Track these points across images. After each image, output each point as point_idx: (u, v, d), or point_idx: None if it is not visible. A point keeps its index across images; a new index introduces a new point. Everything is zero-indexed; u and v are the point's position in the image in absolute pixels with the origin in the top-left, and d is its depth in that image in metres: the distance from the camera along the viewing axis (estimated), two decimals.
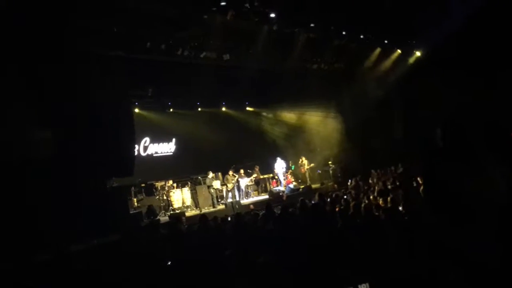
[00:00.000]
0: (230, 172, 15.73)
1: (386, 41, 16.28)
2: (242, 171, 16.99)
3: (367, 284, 2.96)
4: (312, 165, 18.26)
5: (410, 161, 13.62)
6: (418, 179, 10.35)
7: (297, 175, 18.50)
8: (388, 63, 17.31)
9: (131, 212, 12.39)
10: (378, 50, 16.78)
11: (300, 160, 18.21)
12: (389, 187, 10.43)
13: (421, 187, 9.20)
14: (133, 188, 14.18)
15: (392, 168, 14.70)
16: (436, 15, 14.09)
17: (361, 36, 15.26)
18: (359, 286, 2.96)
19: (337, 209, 8.07)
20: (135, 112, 15.87)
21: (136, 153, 15.85)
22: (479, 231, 2.77)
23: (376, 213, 7.20)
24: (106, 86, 10.35)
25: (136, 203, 13.95)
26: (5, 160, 8.57)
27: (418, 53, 16.99)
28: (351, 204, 8.11)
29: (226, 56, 13.79)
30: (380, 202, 8.40)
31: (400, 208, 7.40)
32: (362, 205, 7.93)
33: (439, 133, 3.02)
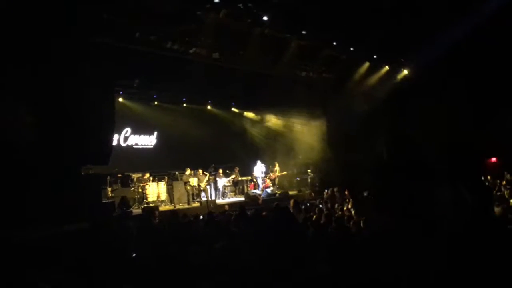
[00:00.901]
0: (200, 171, 15.61)
1: (375, 56, 16.42)
2: (221, 171, 16.94)
3: None
4: (284, 173, 18.30)
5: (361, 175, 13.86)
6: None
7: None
8: (375, 78, 17.46)
9: (103, 201, 12.22)
10: (366, 64, 16.91)
11: (274, 165, 18.21)
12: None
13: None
14: (109, 177, 14.00)
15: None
16: (426, 37, 14.27)
17: (351, 49, 15.37)
18: None
19: (312, 218, 8.09)
20: (119, 102, 15.72)
21: (116, 142, 15.70)
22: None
23: (347, 225, 7.25)
24: (91, 72, 10.21)
25: (110, 193, 13.76)
26: None
27: (405, 71, 17.19)
28: (324, 214, 8.16)
29: (216, 55, 13.76)
30: (353, 213, 8.45)
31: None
32: (335, 215, 7.99)
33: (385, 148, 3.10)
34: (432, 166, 11.83)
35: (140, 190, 14.48)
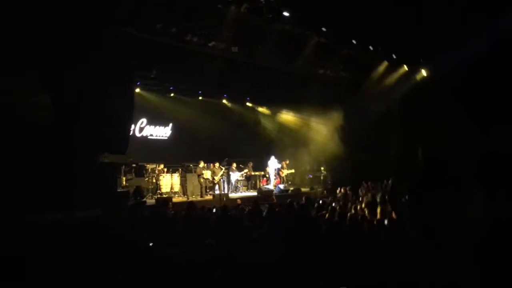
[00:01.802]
0: (216, 164, 15.68)
1: (394, 56, 16.27)
2: (234, 165, 17.00)
3: None
4: (291, 171, 18.28)
5: (399, 178, 13.69)
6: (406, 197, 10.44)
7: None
8: (393, 78, 17.29)
9: (118, 190, 12.36)
10: (385, 64, 16.77)
11: (285, 162, 18.19)
12: (378, 200, 10.44)
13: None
14: (123, 167, 14.13)
15: (385, 182, 14.72)
16: (448, 41, 14.07)
17: (370, 48, 15.25)
18: None
19: (325, 215, 8.09)
20: (136, 92, 15.83)
21: (131, 132, 15.83)
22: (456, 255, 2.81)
23: (361, 224, 7.24)
24: (113, 61, 10.31)
25: (124, 182, 13.92)
26: (4, 121, 8.56)
27: (424, 73, 17.00)
28: (337, 212, 8.15)
29: (235, 49, 13.75)
30: (366, 213, 8.42)
31: (386, 222, 7.41)
32: (348, 214, 7.97)
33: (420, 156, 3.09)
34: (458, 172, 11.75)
35: (154, 180, 14.62)
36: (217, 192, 15.07)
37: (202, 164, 15.42)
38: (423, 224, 5.96)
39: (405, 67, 17.03)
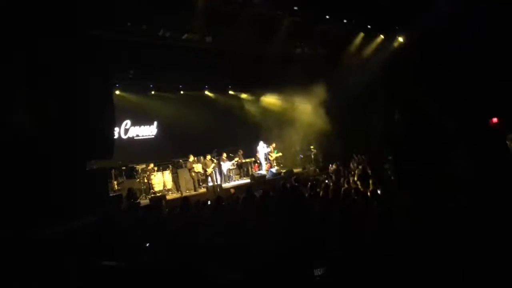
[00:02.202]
0: (208, 157, 15.65)
1: (369, 26, 16.25)
2: (224, 155, 16.99)
3: (323, 269, 2.99)
4: (279, 154, 18.32)
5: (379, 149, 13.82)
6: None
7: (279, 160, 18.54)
8: (371, 48, 17.30)
9: (111, 194, 12.29)
10: (361, 35, 16.74)
11: (271, 146, 18.20)
12: (369, 172, 10.52)
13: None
14: (113, 170, 14.06)
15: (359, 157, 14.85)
16: (420, 4, 14.05)
17: (344, 21, 15.20)
18: (315, 270, 2.98)
19: (319, 194, 8.13)
20: (116, 94, 15.67)
21: (116, 135, 15.70)
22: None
23: (355, 197, 7.29)
24: (88, 67, 10.16)
25: (116, 186, 13.85)
26: None
27: (401, 39, 17.01)
28: (331, 189, 8.20)
29: (209, 39, 13.65)
30: (359, 186, 8.49)
31: (379, 191, 7.47)
32: (342, 189, 8.02)
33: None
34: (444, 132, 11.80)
35: (145, 180, 14.55)
36: (210, 184, 15.05)
37: (192, 158, 15.38)
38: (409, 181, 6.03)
39: (382, 36, 17.02)
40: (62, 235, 8.08)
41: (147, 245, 6.09)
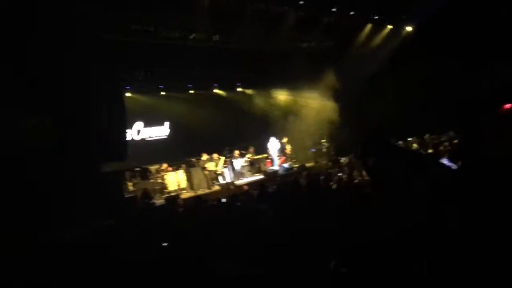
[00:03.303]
0: (215, 155, 15.69)
1: (376, 17, 16.17)
2: (236, 152, 17.03)
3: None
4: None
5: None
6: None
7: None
8: (379, 39, 17.21)
9: (126, 196, 12.43)
10: (368, 26, 16.67)
11: (283, 141, 18.17)
12: None
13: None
14: (127, 172, 14.20)
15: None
16: None
17: (351, 13, 15.14)
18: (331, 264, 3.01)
19: (331, 187, 8.15)
20: (127, 96, 15.80)
21: (129, 137, 15.85)
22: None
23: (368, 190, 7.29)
24: (97, 71, 10.26)
25: (131, 187, 13.99)
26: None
27: (409, 28, 16.90)
28: (343, 181, 8.22)
29: (216, 37, 13.71)
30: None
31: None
32: (355, 181, 8.03)
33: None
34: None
35: (160, 181, 14.66)
36: (223, 181, 15.12)
37: (205, 157, 15.42)
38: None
39: (389, 26, 16.93)
40: (79, 238, 8.21)
41: (164, 244, 6.17)
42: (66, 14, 9.51)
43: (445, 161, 6.21)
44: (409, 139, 14.16)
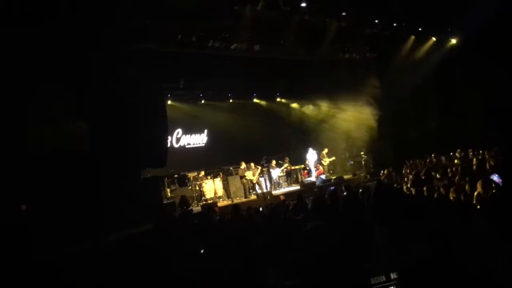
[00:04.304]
0: (252, 164, 15.69)
1: (420, 29, 15.87)
2: (274, 162, 17.03)
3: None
4: (333, 158, 18.02)
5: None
6: None
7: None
8: (422, 51, 16.86)
9: (164, 202, 12.62)
10: (412, 38, 16.37)
11: (323, 152, 17.97)
12: (423, 177, 10.22)
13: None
14: (166, 178, 14.44)
15: (427, 158, 14.40)
16: (472, 3, 13.59)
17: (394, 24, 14.92)
18: (391, 274, 2.93)
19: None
20: (167, 104, 16.11)
21: (169, 144, 16.13)
22: None
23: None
24: (140, 79, 10.52)
25: (169, 194, 14.20)
26: (41, 153, 8.83)
27: (453, 41, 16.50)
28: None
29: (257, 47, 13.78)
30: (413, 192, 8.27)
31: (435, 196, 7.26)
32: None
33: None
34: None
35: (197, 188, 14.82)
36: (259, 191, 15.13)
37: (243, 165, 15.47)
38: None
39: (433, 38, 16.58)
40: (119, 244, 8.37)
41: (202, 251, 6.21)
42: (115, 26, 9.81)
43: (495, 177, 6.01)
44: (451, 154, 13.73)
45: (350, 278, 3.45)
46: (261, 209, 9.91)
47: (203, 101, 18.33)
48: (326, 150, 17.89)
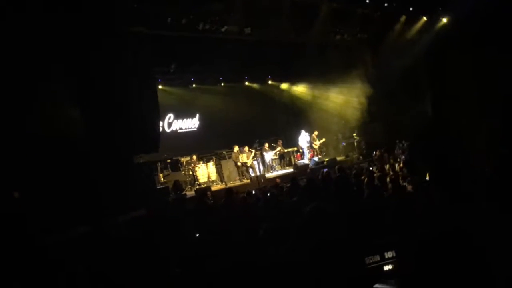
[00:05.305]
0: (246, 148, 15.69)
1: (411, 8, 15.80)
2: (266, 145, 17.05)
3: (393, 252, 2.96)
4: (323, 140, 18.03)
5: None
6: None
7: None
8: (413, 31, 16.79)
9: (157, 187, 12.61)
10: (403, 18, 16.29)
11: (313, 135, 17.97)
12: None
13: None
14: (159, 163, 14.40)
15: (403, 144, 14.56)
16: None
17: (385, 4, 14.83)
18: (385, 254, 2.96)
19: (364, 181, 8.03)
20: (158, 89, 15.98)
21: (161, 129, 16.06)
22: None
23: (403, 183, 7.20)
24: (130, 63, 10.40)
25: (162, 179, 14.20)
26: (33, 138, 8.74)
27: (444, 20, 16.43)
28: (376, 175, 8.10)
29: (248, 30, 13.63)
30: (404, 173, 8.35)
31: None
32: (388, 177, 7.90)
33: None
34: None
35: (190, 172, 14.81)
36: (253, 174, 15.15)
37: (236, 149, 15.44)
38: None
39: (424, 18, 16.50)
40: (115, 228, 8.37)
41: (197, 235, 6.24)
42: (103, 9, 9.65)
43: None
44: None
45: (345, 258, 3.48)
46: (253, 192, 9.94)
47: (194, 85, 18.19)
48: (316, 133, 17.89)
